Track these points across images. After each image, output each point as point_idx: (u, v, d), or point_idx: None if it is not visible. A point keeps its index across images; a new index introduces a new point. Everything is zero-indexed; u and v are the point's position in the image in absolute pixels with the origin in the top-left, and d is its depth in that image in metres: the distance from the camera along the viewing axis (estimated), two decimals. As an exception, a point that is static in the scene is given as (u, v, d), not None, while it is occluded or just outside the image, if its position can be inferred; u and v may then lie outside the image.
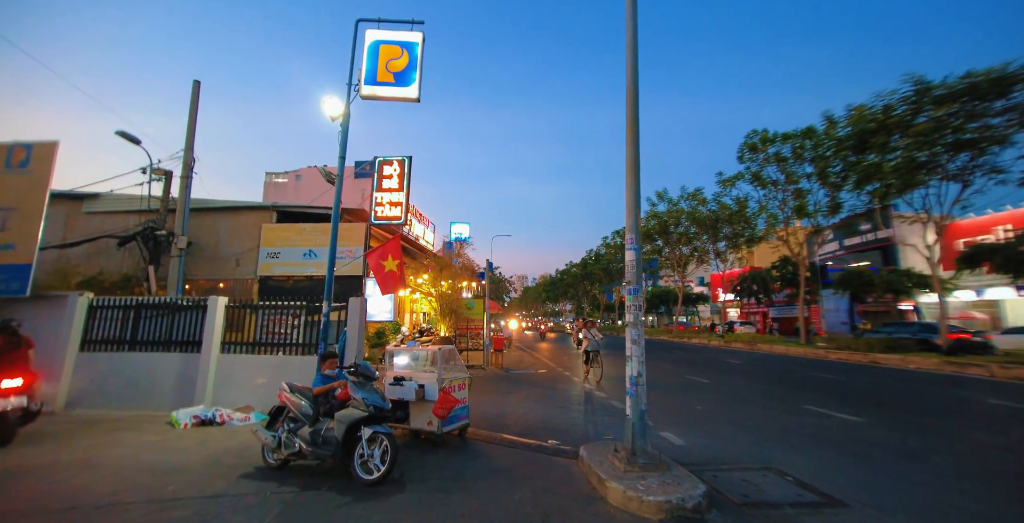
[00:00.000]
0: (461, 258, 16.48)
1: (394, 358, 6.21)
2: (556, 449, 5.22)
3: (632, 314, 4.47)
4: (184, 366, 7.85)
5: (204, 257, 14.07)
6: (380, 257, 7.31)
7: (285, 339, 8.02)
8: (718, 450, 5.40)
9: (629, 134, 4.64)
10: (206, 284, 14.26)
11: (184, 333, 8.06)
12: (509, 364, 14.72)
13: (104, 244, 13.65)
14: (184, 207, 12.35)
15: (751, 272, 36.20)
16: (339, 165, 7.68)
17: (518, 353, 19.84)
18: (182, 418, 6.75)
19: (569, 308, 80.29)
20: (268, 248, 13.49)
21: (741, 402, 8.47)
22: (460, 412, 5.77)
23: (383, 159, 13.59)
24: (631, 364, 4.34)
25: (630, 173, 4.60)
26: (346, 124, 7.74)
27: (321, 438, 4.49)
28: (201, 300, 8.22)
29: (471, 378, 6.00)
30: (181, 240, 12.19)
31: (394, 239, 7.53)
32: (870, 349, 16.02)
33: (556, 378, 11.97)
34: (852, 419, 6.89)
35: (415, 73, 7.84)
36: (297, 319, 8.10)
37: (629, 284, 4.50)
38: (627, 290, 4.50)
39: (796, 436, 5.99)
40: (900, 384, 10.78)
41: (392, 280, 7.12)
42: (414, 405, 5.66)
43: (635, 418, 4.28)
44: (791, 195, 21.34)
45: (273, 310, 8.14)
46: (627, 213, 4.60)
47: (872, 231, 32.25)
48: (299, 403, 4.78)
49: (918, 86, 12.67)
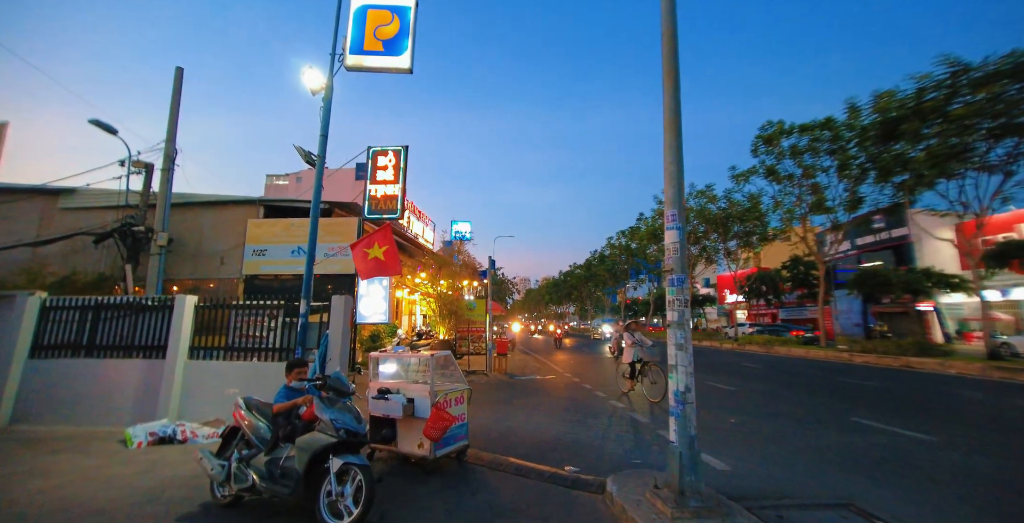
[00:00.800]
0: (462, 255, 15.52)
1: (379, 366, 5.24)
2: (576, 479, 4.24)
3: (676, 311, 3.49)
4: (147, 374, 6.91)
5: (187, 255, 13.19)
6: (365, 245, 6.38)
7: (261, 343, 7.08)
8: (773, 478, 4.41)
9: (667, 81, 3.68)
10: (189, 284, 13.35)
11: (148, 336, 7.13)
12: (513, 369, 13.74)
13: (81, 242, 12.78)
14: (165, 202, 11.46)
15: (759, 273, 35.09)
16: (320, 144, 6.76)
17: (522, 357, 18.84)
18: (137, 435, 5.80)
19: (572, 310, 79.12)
20: (254, 245, 12.58)
21: (778, 414, 7.46)
22: (457, 431, 4.80)
23: (377, 149, 12.67)
24: (677, 376, 3.37)
25: (669, 130, 3.64)
26: (329, 99, 6.83)
27: (279, 469, 3.53)
28: (167, 299, 7.30)
29: (471, 390, 5.02)
30: (161, 237, 11.29)
31: (383, 227, 6.59)
32: (902, 352, 14.94)
33: (564, 385, 10.98)
34: (920, 437, 5.87)
35: (407, 40, 6.92)
36: (274, 320, 7.17)
37: (671, 273, 3.53)
38: (669, 280, 3.52)
39: (863, 459, 4.99)
40: (952, 392, 9.73)
41: (378, 266, 6.20)
42: (402, 423, 4.70)
43: (683, 446, 3.31)
44: (807, 190, 20.32)
45: (248, 310, 7.20)
46: (666, 182, 3.64)
47: (887, 229, 31.19)
48: (255, 424, 3.82)
49: (954, 68, 11.69)
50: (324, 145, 6.79)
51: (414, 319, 20.26)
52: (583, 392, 9.73)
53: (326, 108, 6.81)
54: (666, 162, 3.67)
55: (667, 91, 3.67)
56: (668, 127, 3.66)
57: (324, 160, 6.80)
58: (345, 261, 12.21)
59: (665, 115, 3.68)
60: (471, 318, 13.10)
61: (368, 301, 12.05)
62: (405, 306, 19.95)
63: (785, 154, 19.83)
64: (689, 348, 3.42)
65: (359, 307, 12.12)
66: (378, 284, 12.11)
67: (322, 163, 6.76)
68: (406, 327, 18.91)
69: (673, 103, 3.65)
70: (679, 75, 3.71)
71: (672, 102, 3.65)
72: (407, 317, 20.32)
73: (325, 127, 6.79)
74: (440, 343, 12.57)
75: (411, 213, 19.14)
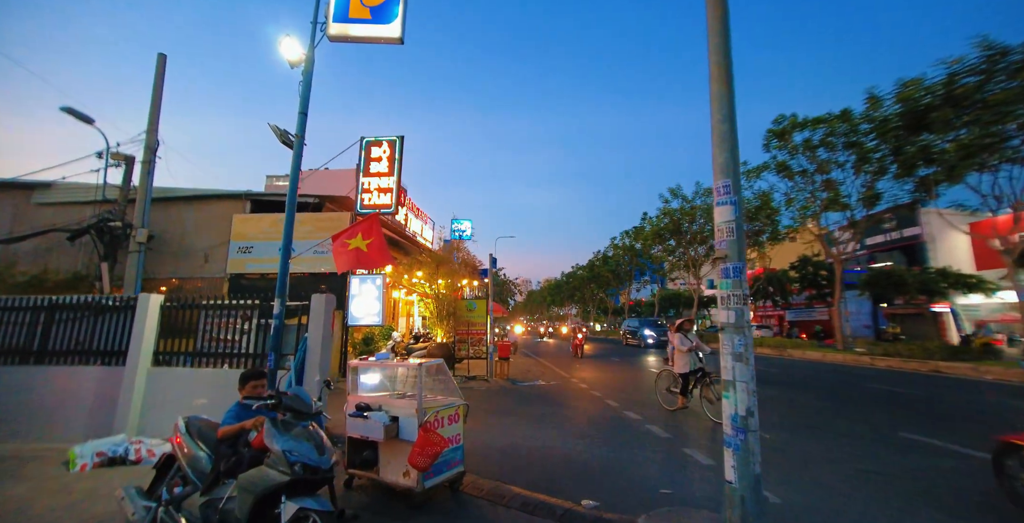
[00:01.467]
0: (461, 253, 14.72)
1: (359, 376, 4.44)
2: (597, 519, 3.43)
3: (732, 310, 2.69)
4: (105, 383, 6.13)
5: (169, 253, 12.43)
6: (348, 236, 5.61)
7: (234, 348, 6.30)
8: (841, 516, 3.59)
9: (712, 9, 2.88)
10: (175, 283, 12.59)
11: (108, 341, 6.35)
12: (516, 374, 12.92)
13: (56, 239, 12.03)
14: (145, 196, 10.72)
15: (767, 273, 34.22)
16: (299, 123, 5.98)
17: (523, 361, 18.02)
18: (82, 456, 5.00)
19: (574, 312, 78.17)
20: (240, 242, 11.82)
21: (814, 428, 6.63)
22: (451, 456, 4.00)
23: (371, 140, 11.91)
24: (735, 395, 2.56)
25: (717, 78, 2.84)
26: (309, 72, 6.06)
27: (218, 515, 2.74)
28: (130, 299, 6.52)
29: (467, 406, 4.22)
30: (140, 233, 10.53)
31: (370, 218, 5.82)
32: (928, 356, 14.07)
33: (570, 392, 10.16)
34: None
35: (398, 7, 6.15)
36: (248, 322, 6.39)
37: (725, 260, 2.72)
38: (723, 270, 2.72)
39: (940, 489, 4.16)
40: (1003, 402, 8.87)
41: (358, 258, 5.45)
42: (385, 446, 3.90)
43: (745, 488, 2.50)
44: (820, 186, 19.49)
45: (220, 311, 6.42)
46: (715, 144, 2.84)
47: (899, 228, 30.36)
48: (194, 453, 3.03)
49: (990, 51, 10.88)
50: (303, 124, 6.02)
51: (412, 321, 19.47)
52: (584, 398, 8.91)
53: (306, 82, 6.04)
54: (714, 120, 2.87)
55: (712, 24, 2.86)
56: (715, 74, 2.86)
57: (303, 140, 6.02)
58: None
59: (711, 58, 2.88)
60: (471, 319, 12.30)
61: (361, 301, 11.27)
62: (403, 307, 19.16)
63: (799, 149, 19.01)
64: (750, 358, 2.62)
65: (351, 308, 11.33)
66: (371, 284, 11.32)
67: (300, 144, 5.98)
68: (403, 329, 18.12)
69: (720, 40, 2.85)
70: (727, 9, 2.91)
71: (720, 39, 2.85)
72: (405, 319, 19.53)
73: (304, 104, 6.02)
74: (438, 346, 11.77)
75: (409, 211, 18.37)
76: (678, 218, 31.77)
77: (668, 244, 34.50)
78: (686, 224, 31.86)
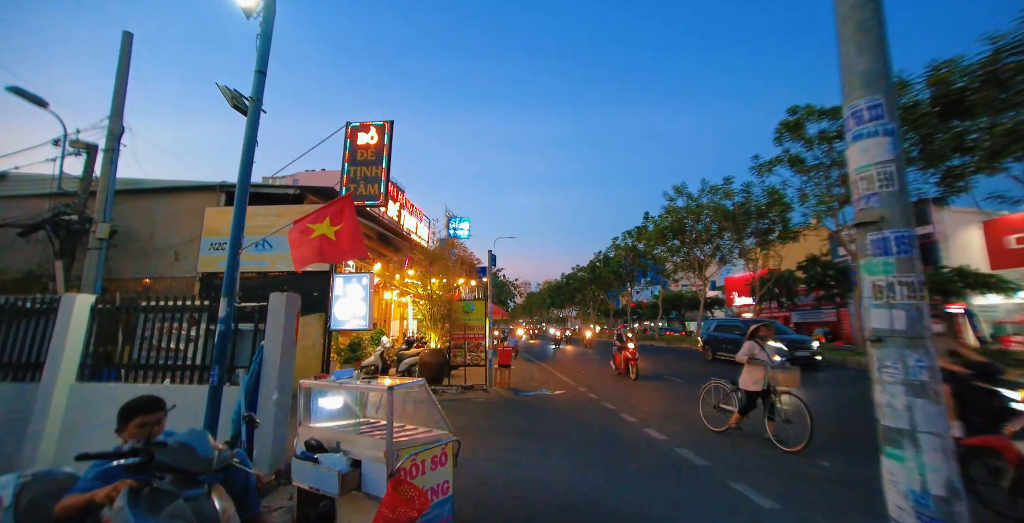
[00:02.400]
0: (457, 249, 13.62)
1: (314, 402, 3.32)
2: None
3: (900, 309, 1.59)
4: (16, 402, 5.01)
5: (136, 250, 11.31)
6: (312, 220, 4.52)
7: (179, 358, 5.19)
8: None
9: None
10: (148, 283, 11.47)
11: (22, 351, 5.24)
12: (518, 382, 11.81)
13: (8, 235, 10.92)
14: (108, 187, 9.63)
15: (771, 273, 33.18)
16: (255, 83, 4.89)
17: (526, 366, 16.90)
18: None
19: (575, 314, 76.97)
20: (212, 238, 10.71)
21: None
22: (438, 511, 2.89)
23: (356, 125, 10.85)
24: (915, 456, 1.46)
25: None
26: (269, 23, 4.99)
27: None
28: (52, 300, 5.41)
29: (458, 442, 3.10)
30: (100, 228, 9.45)
31: (341, 199, 4.73)
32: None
33: (581, 404, 9.05)
34: None
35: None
36: (197, 327, 5.28)
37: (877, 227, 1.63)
38: (873, 241, 1.62)
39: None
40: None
41: (325, 249, 4.38)
42: (343, 502, 2.80)
43: None
44: (836, 181, 18.47)
45: (162, 314, 5.32)
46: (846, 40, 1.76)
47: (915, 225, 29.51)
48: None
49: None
50: (261, 84, 4.93)
51: (407, 325, 18.34)
52: (601, 412, 7.79)
53: (264, 35, 4.96)
54: (843, 5, 1.79)
55: None
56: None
57: (260, 105, 4.93)
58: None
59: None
60: (468, 322, 11.19)
61: (345, 303, 10.16)
62: (396, 310, 18.03)
63: (814, 141, 18.01)
64: (938, 392, 1.51)
65: (334, 310, 10.21)
66: (357, 283, 10.21)
67: (257, 109, 4.89)
68: (397, 334, 16.98)
69: None
70: None
71: None
72: (399, 322, 18.40)
73: (262, 61, 4.93)
74: (431, 353, 10.65)
75: (403, 207, 17.27)
76: (683, 217, 30.75)
77: (672, 244, 33.46)
78: (691, 223, 30.84)
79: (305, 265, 4.57)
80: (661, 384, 11.46)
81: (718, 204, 27.89)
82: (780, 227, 25.40)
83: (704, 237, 30.76)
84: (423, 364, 10.45)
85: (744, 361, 5.78)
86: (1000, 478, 3.41)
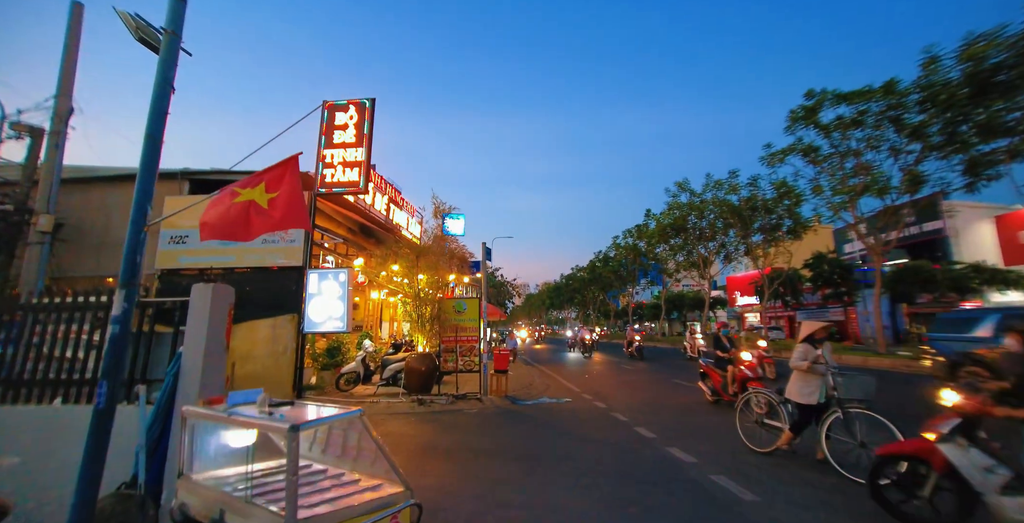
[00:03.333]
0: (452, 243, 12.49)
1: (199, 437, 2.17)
2: None
3: None
4: None
5: (88, 245, 10.16)
6: (242, 185, 3.40)
7: (71, 371, 4.04)
8: None
9: None
10: (109, 282, 10.27)
11: None
12: (516, 389, 10.67)
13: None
14: (53, 175, 8.52)
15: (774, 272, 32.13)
16: (170, 11, 3.76)
17: (525, 370, 15.74)
18: None
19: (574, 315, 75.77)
20: (173, 230, 9.55)
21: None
22: None
23: (335, 104, 9.73)
24: None
25: None
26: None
27: None
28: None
29: (418, 505, 1.95)
30: (43, 220, 8.33)
31: (284, 162, 3.61)
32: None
33: (589, 414, 7.90)
34: None
35: None
36: (102, 330, 4.14)
37: None
38: None
39: None
40: None
41: (251, 219, 3.24)
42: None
43: None
44: (852, 171, 17.44)
45: (54, 314, 4.16)
46: None
47: (918, 223, 28.55)
48: None
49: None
50: (180, 12, 3.79)
51: (397, 326, 17.17)
52: (613, 427, 6.64)
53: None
54: None
55: None
56: None
57: (179, 39, 3.79)
58: (293, 249, 9.19)
59: None
60: (460, 323, 10.04)
61: (320, 302, 8.99)
62: (386, 311, 16.87)
63: (830, 128, 16.99)
64: None
65: (308, 311, 9.06)
66: (333, 280, 9.04)
67: (175, 45, 3.75)
68: (386, 337, 15.82)
69: None
70: None
71: None
72: (389, 324, 17.23)
73: (179, -16, 3.80)
74: (418, 358, 9.50)
75: (391, 201, 16.13)
76: (686, 213, 29.69)
77: (674, 242, 32.39)
78: (695, 219, 29.78)
79: (214, 238, 3.39)
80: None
81: (723, 199, 26.86)
82: (789, 222, 24.36)
83: (708, 234, 29.72)
84: (409, 371, 9.29)
85: (804, 368, 4.64)
86: (920, 487, 3.25)
